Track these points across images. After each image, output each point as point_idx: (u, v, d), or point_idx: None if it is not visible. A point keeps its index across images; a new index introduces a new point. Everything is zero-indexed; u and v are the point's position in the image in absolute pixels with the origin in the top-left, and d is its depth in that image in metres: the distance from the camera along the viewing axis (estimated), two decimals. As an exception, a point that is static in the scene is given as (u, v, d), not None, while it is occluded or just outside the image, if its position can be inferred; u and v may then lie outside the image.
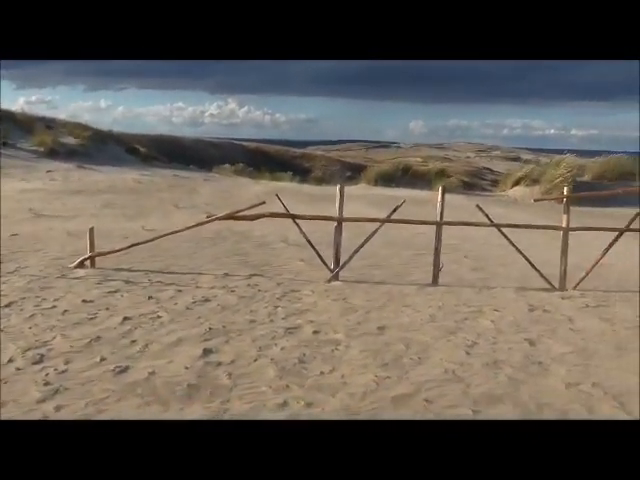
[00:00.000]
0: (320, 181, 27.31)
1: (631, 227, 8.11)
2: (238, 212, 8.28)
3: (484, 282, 8.26)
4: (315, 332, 5.60)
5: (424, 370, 4.73)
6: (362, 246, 8.10)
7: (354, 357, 4.99)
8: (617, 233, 8.14)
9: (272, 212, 8.24)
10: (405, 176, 25.07)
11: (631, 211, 8.36)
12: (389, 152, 57.74)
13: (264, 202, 8.07)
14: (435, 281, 7.95)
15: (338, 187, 8.08)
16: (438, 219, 8.01)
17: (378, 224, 8.22)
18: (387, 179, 24.34)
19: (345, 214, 8.17)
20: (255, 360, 4.83)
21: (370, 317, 6.18)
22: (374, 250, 10.40)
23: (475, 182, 28.41)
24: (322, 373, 4.62)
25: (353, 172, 31.98)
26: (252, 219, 8.28)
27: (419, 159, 39.45)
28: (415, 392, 4.30)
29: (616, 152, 24.25)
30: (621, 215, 9.62)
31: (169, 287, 7.03)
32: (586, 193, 14.84)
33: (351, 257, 8.04)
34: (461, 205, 16.57)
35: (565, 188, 8.38)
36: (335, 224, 8.00)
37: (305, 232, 8.12)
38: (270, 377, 4.50)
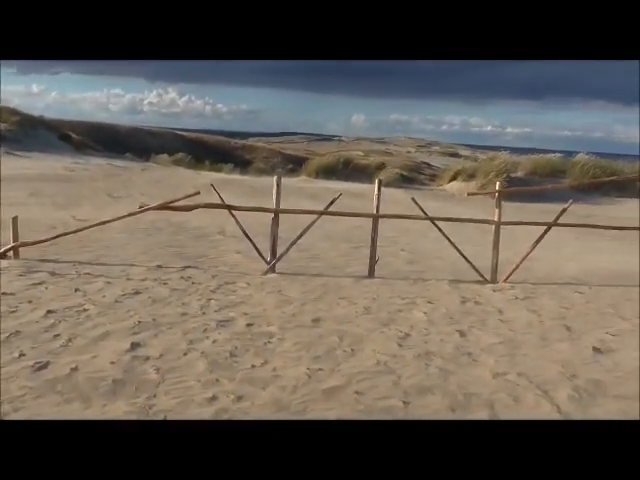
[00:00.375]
0: (261, 173, 27.09)
1: (559, 222, 8.40)
2: (172, 202, 8.07)
3: (419, 274, 8.37)
4: (248, 325, 5.51)
5: (356, 362, 4.73)
6: (299, 238, 8.06)
7: (287, 350, 4.94)
8: (545, 227, 8.41)
9: (207, 203, 8.08)
10: (346, 169, 25.17)
11: (560, 207, 8.64)
12: (331, 145, 58.03)
13: (199, 192, 7.89)
14: (371, 273, 8.00)
15: (275, 178, 8.00)
16: (374, 212, 8.06)
17: (317, 216, 8.19)
18: (328, 172, 24.38)
19: (284, 206, 8.10)
20: (185, 354, 4.70)
21: (305, 309, 6.14)
22: (312, 242, 10.40)
23: (414, 176, 28.79)
24: (254, 366, 4.54)
25: (295, 164, 31.93)
26: (186, 210, 8.09)
27: (360, 153, 39.74)
28: (346, 384, 4.28)
29: (548, 150, 25.11)
30: (551, 210, 9.90)
31: (98, 279, 6.78)
32: (517, 188, 15.31)
33: (288, 249, 7.98)
34: (400, 199, 16.78)
35: (497, 183, 8.59)
36: (272, 216, 7.92)
37: (243, 224, 8.01)
38: (200, 371, 4.38)
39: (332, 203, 8.03)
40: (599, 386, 4.45)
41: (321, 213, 8.11)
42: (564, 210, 8.26)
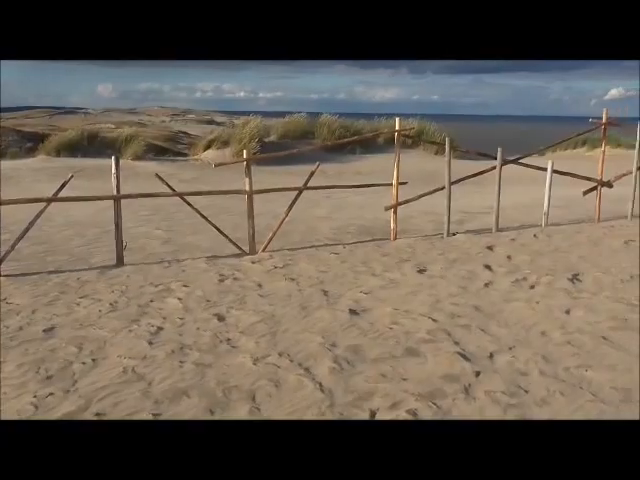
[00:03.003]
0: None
1: (309, 185, 8.42)
2: None
3: (175, 255, 7.80)
4: (-43, 351, 4.43)
5: (98, 375, 4.03)
6: (26, 231, 6.87)
7: (8, 376, 4.03)
8: (297, 192, 8.38)
9: None
10: (93, 144, 23.05)
11: (313, 167, 8.46)
12: (77, 119, 53.00)
13: None
14: (120, 261, 7.18)
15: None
16: (114, 193, 7.18)
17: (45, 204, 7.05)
18: (72, 148, 22.07)
19: (15, 194, 6.84)
20: None
21: (36, 318, 5.18)
22: (51, 233, 9.16)
23: (172, 147, 27.65)
24: (-41, 409, 3.59)
25: (35, 142, 28.41)
26: None
27: (111, 125, 36.91)
28: (84, 407, 3.59)
29: (298, 113, 25.85)
30: (305, 171, 9.88)
31: None
32: (263, 155, 15.53)
33: (13, 246, 6.77)
34: (154, 172, 15.80)
35: (244, 152, 8.29)
36: (-13, 209, 6.60)
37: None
38: None
39: (63, 187, 6.96)
40: (358, 352, 4.40)
41: (49, 200, 6.99)
42: (312, 173, 8.30)
